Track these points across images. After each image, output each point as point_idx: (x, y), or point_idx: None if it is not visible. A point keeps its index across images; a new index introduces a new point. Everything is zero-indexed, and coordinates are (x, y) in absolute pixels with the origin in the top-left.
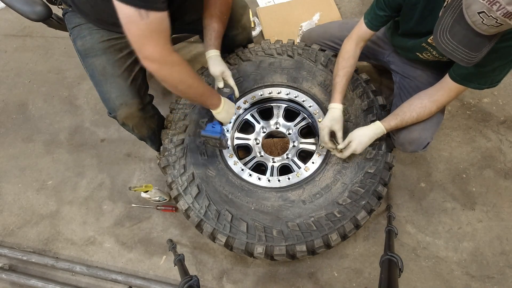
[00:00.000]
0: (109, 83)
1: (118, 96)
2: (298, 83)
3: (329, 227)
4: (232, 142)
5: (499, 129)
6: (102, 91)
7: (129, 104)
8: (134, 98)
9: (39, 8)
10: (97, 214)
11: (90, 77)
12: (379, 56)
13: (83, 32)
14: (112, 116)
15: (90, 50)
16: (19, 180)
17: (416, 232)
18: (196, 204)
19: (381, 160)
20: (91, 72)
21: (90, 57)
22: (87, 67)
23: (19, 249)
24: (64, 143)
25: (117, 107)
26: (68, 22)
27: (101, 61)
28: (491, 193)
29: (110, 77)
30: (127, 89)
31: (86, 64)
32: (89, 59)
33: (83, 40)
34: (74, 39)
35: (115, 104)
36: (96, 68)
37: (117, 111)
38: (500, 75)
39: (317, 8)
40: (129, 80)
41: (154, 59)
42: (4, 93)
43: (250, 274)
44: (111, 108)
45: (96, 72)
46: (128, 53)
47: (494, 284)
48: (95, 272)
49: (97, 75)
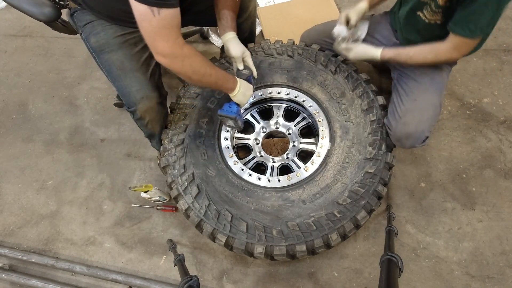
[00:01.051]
0: (129, 78)
1: (139, 89)
2: (298, 83)
3: (329, 227)
4: (232, 142)
5: (499, 129)
6: (121, 85)
7: (150, 98)
8: (154, 91)
9: (48, 9)
10: (97, 214)
11: (107, 73)
12: None
13: (96, 28)
14: (132, 110)
15: (106, 46)
16: (19, 180)
17: (416, 232)
18: (196, 204)
19: (381, 160)
20: (108, 68)
21: (105, 52)
22: (103, 63)
23: (19, 249)
24: (64, 143)
25: (138, 100)
26: (78, 20)
27: (118, 56)
28: (491, 193)
29: (129, 71)
30: (147, 83)
31: (101, 61)
32: (105, 55)
33: (97, 36)
34: (86, 36)
35: (136, 98)
36: (114, 63)
37: (138, 105)
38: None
39: (317, 8)
40: (148, 73)
41: (166, 53)
42: (4, 93)
43: (250, 274)
44: (132, 102)
45: (114, 67)
46: (143, 47)
47: (494, 284)
48: (95, 272)
49: (115, 70)
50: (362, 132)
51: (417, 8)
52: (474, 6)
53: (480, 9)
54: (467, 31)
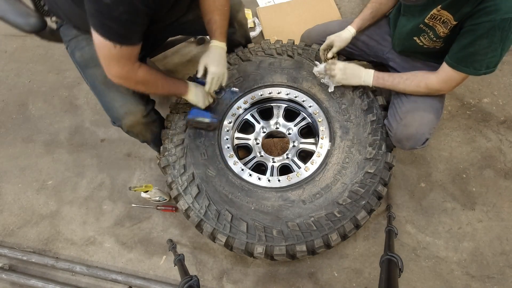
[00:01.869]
0: (112, 92)
1: (122, 104)
2: (298, 83)
3: (329, 227)
4: (232, 142)
5: (499, 129)
6: (105, 100)
7: (134, 112)
8: (138, 105)
9: (33, 19)
10: (97, 214)
11: (91, 88)
12: (379, 52)
13: (81, 43)
14: (117, 125)
15: (90, 61)
16: (19, 180)
17: (416, 232)
18: (196, 204)
19: (381, 160)
20: (92, 82)
21: (90, 67)
22: (88, 78)
23: (19, 249)
24: (64, 143)
25: (121, 116)
26: (64, 35)
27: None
28: (491, 193)
29: (112, 86)
30: (130, 97)
31: (86, 75)
32: (90, 70)
33: (82, 51)
34: (72, 51)
35: (119, 113)
36: (97, 78)
37: (122, 120)
38: (495, 57)
39: (317, 8)
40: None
41: (119, 76)
42: (4, 93)
43: (250, 274)
44: (116, 118)
45: (98, 82)
46: None
47: (494, 284)
48: (95, 272)
49: (99, 85)
50: (362, 132)
51: (414, 34)
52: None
53: (483, 51)
54: (472, 69)
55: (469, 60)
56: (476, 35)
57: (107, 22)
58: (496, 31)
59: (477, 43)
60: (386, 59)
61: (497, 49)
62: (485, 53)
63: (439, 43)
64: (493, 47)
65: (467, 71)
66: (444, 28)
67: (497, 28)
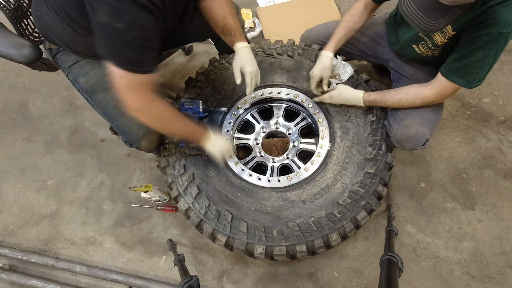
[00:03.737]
0: (127, 116)
1: (140, 126)
2: (298, 83)
3: (329, 227)
4: (232, 142)
5: (499, 129)
6: (120, 125)
7: (152, 132)
8: None
9: (27, 50)
10: (97, 214)
11: (103, 113)
12: (379, 53)
13: (84, 68)
14: (135, 147)
15: (97, 86)
16: (19, 180)
17: (416, 232)
18: (196, 204)
19: (381, 160)
20: (103, 108)
21: (98, 93)
22: (97, 104)
23: (19, 249)
24: (64, 143)
25: (140, 137)
26: (62, 62)
27: (112, 94)
28: (491, 193)
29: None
30: None
31: (95, 101)
32: (98, 95)
33: (86, 76)
34: (74, 78)
35: (138, 135)
36: (108, 103)
37: (141, 142)
38: (485, 71)
39: (317, 8)
40: None
41: (134, 108)
42: (4, 93)
43: (250, 274)
44: (134, 140)
45: (110, 106)
46: None
47: (494, 284)
48: (95, 272)
49: (111, 110)
50: (362, 132)
51: (413, 42)
52: (470, 60)
53: (478, 64)
54: (465, 82)
55: (463, 71)
56: (473, 47)
57: (119, 49)
58: (492, 45)
59: (472, 55)
60: (386, 60)
61: (490, 62)
62: (479, 66)
63: (437, 51)
64: (487, 60)
65: (461, 82)
66: (442, 37)
67: (494, 41)
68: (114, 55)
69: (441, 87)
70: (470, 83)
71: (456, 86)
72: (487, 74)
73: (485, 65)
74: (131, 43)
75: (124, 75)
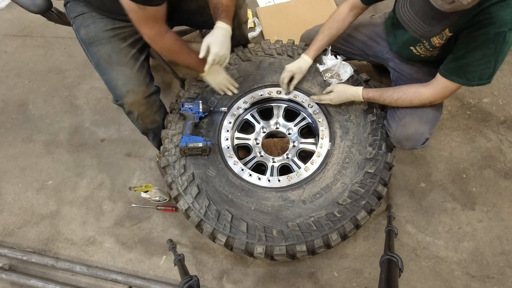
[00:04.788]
0: (115, 71)
1: (125, 83)
2: (298, 83)
3: (329, 227)
4: (232, 142)
5: (499, 129)
6: (108, 78)
7: (136, 92)
8: (140, 86)
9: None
10: (97, 214)
11: (95, 66)
12: (378, 53)
13: (87, 21)
14: (119, 104)
15: (95, 39)
16: (19, 180)
17: (416, 232)
18: (196, 204)
19: (381, 160)
20: (96, 60)
21: (94, 45)
22: (92, 56)
23: (19, 249)
24: (64, 143)
25: (123, 94)
26: (70, 11)
27: (106, 49)
28: (491, 193)
29: (116, 65)
30: (133, 77)
31: (90, 53)
32: (94, 48)
33: (86, 29)
34: (77, 28)
35: (121, 91)
36: (101, 57)
37: (123, 98)
38: (488, 69)
39: (317, 8)
40: (134, 68)
41: (148, 37)
42: (4, 93)
43: (250, 274)
44: (118, 95)
45: (102, 60)
46: (132, 42)
47: (494, 284)
48: (95, 272)
49: (102, 63)
50: (362, 132)
51: (410, 44)
52: (469, 59)
53: (476, 63)
54: (465, 80)
55: (462, 71)
56: (470, 47)
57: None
58: (490, 44)
59: (470, 55)
60: (385, 59)
61: (490, 61)
62: (478, 65)
63: (435, 51)
64: (486, 59)
65: (460, 81)
66: (440, 39)
67: (491, 41)
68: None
69: (440, 87)
70: (470, 81)
71: (455, 87)
72: (492, 74)
73: (484, 64)
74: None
75: (136, 9)
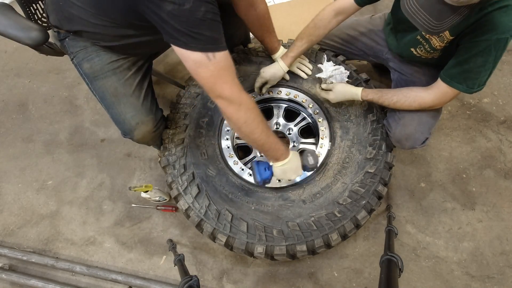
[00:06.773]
0: (123, 104)
1: (134, 115)
2: (298, 83)
3: (329, 227)
4: (232, 142)
5: (499, 129)
6: (115, 113)
7: (145, 122)
8: (148, 115)
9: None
10: (97, 214)
11: (100, 100)
12: (378, 53)
13: (90, 54)
14: (128, 137)
15: (99, 72)
16: (19, 180)
17: (416, 232)
18: (196, 204)
19: (381, 160)
20: (101, 94)
21: (99, 79)
22: (97, 90)
23: (19, 249)
24: (64, 143)
25: (133, 127)
26: (70, 46)
27: (112, 82)
28: (491, 193)
29: (123, 97)
30: (141, 107)
31: (95, 87)
32: (99, 82)
33: (91, 62)
34: (79, 62)
35: (131, 124)
36: (107, 90)
37: (134, 131)
38: (485, 76)
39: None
40: (141, 97)
41: (224, 96)
42: (4, 93)
43: (250, 274)
44: (128, 129)
45: (108, 94)
46: (136, 71)
47: (494, 284)
48: (95, 272)
49: (108, 97)
50: (362, 132)
51: (411, 45)
52: (470, 65)
53: (477, 69)
54: (465, 87)
55: (462, 77)
56: (472, 53)
57: (195, 30)
58: (492, 51)
59: (472, 61)
60: (385, 59)
61: (489, 68)
62: (479, 71)
63: (436, 54)
64: (487, 66)
65: (460, 88)
66: (440, 42)
67: (493, 47)
68: (192, 39)
69: (440, 92)
70: (470, 88)
71: (455, 92)
72: (487, 79)
73: (484, 71)
74: (203, 20)
75: (205, 60)
